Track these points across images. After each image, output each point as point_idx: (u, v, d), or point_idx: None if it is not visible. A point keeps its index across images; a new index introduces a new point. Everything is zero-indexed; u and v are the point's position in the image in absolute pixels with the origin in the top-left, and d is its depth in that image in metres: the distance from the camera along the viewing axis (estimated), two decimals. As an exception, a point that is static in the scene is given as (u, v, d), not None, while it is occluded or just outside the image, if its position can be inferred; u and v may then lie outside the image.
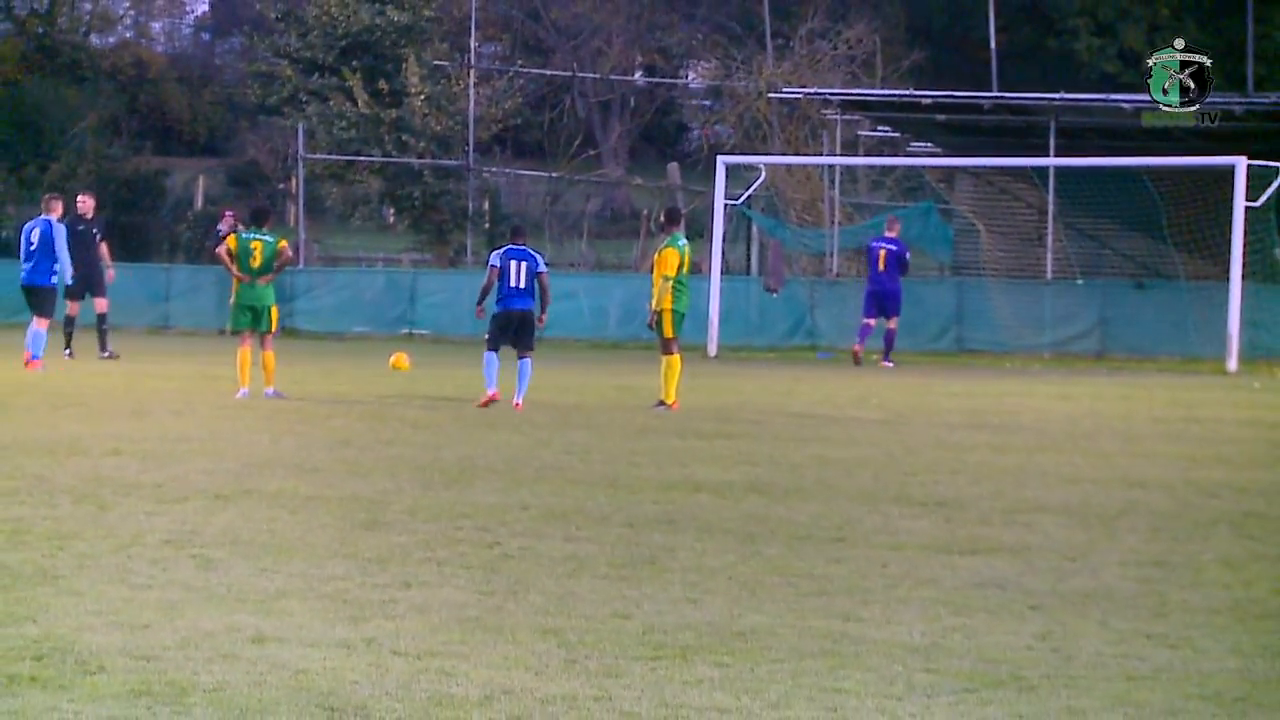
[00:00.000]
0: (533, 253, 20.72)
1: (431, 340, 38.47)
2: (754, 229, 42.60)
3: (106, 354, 28.62)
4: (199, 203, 51.73)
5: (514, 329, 20.64)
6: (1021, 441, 17.88)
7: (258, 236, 21.41)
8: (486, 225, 47.03)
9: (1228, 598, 9.49)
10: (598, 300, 39.19)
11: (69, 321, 29.24)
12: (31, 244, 25.85)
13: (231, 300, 21.46)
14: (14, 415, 18.29)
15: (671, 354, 20.88)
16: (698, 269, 42.22)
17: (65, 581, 9.18)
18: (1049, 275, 37.34)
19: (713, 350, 33.98)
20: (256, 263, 21.24)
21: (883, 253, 31.48)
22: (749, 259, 43.29)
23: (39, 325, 25.33)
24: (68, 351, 28.53)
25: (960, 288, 37.17)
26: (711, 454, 16.04)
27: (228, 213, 44.31)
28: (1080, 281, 36.73)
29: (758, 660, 7.74)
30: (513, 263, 20.62)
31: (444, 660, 7.58)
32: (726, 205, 36.28)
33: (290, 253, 22.05)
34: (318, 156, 46.53)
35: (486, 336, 20.78)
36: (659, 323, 21.17)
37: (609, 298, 39.22)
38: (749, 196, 37.99)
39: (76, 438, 15.93)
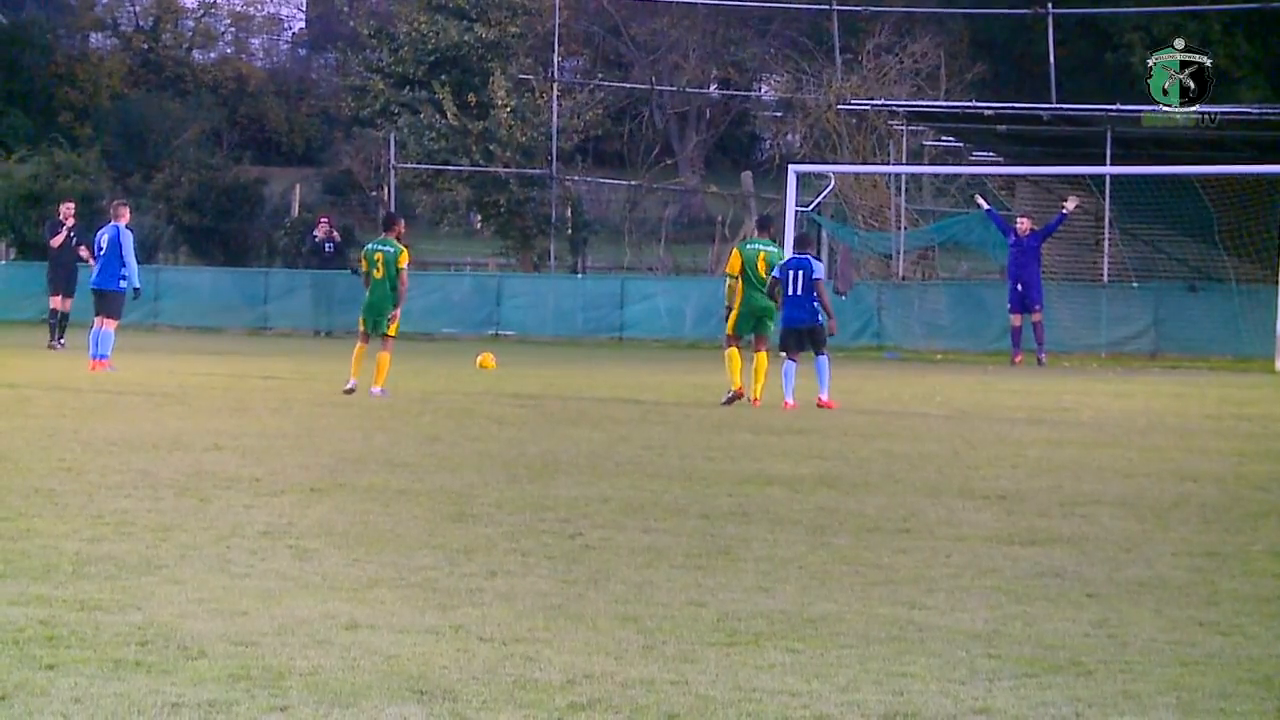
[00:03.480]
0: (811, 260, 21.31)
1: (516, 341, 38.70)
2: (823, 234, 42.50)
3: (58, 345, 29.91)
4: (295, 210, 51.62)
5: (800, 336, 21.18)
6: (1079, 437, 18.00)
7: (380, 248, 21.77)
8: (569, 231, 47.14)
9: (1276, 587, 9.51)
10: (675, 302, 39.49)
11: (54, 315, 30.64)
12: (101, 248, 25.92)
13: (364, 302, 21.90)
14: (120, 413, 18.43)
15: (729, 349, 21.49)
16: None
17: (168, 571, 9.23)
18: (1105, 278, 37.35)
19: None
20: (379, 273, 21.64)
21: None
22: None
23: (107, 326, 25.38)
24: (61, 342, 29.81)
25: (1020, 290, 37.76)
26: (783, 449, 16.13)
27: (323, 219, 45.90)
28: (1135, 284, 36.81)
29: (827, 646, 7.76)
30: (791, 272, 21.17)
31: (528, 646, 7.61)
32: (797, 212, 36.18)
33: (405, 282, 21.80)
34: (408, 166, 46.68)
35: (780, 348, 21.36)
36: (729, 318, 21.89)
37: (685, 300, 39.52)
38: (819, 203, 38.15)
39: (179, 434, 16.10)
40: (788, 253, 22.19)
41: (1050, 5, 41.20)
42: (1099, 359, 34.64)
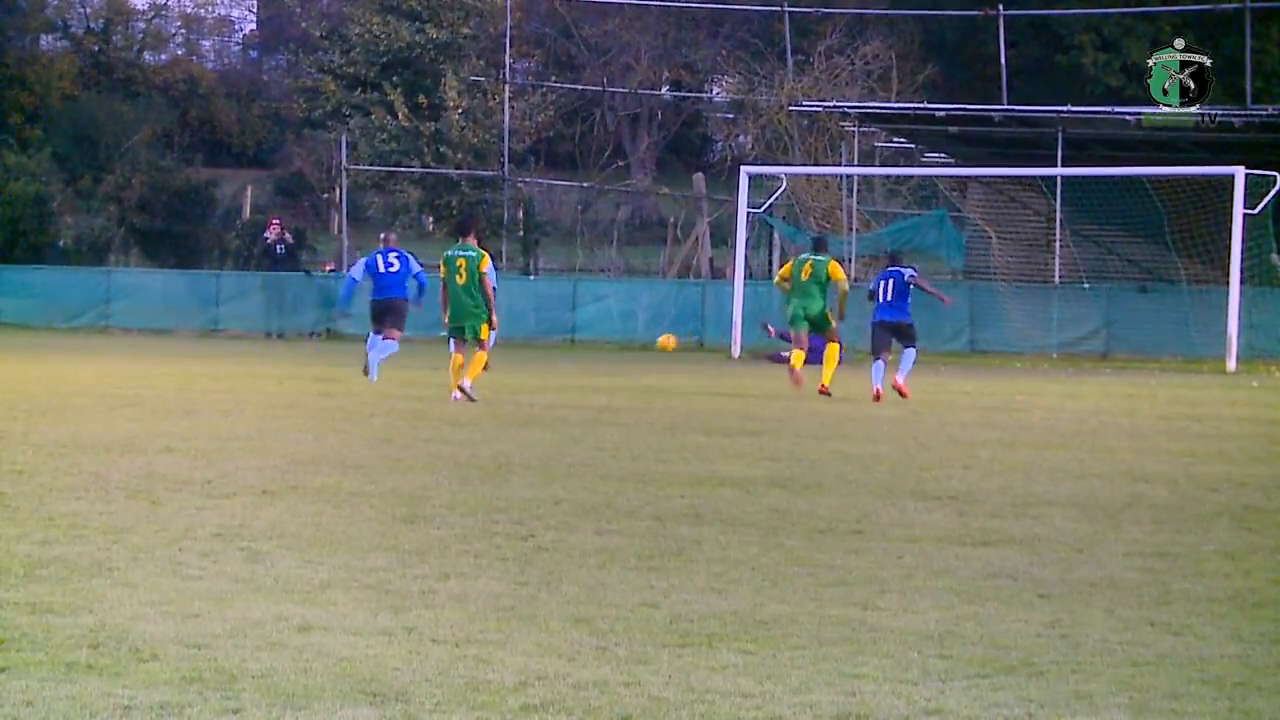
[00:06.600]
0: (902, 269, 23.86)
1: (469, 342, 39.72)
2: (775, 236, 42.63)
3: None
4: (247, 212, 51.76)
5: (891, 334, 23.86)
6: (1031, 438, 18.07)
7: (462, 254, 21.27)
8: (521, 233, 47.28)
9: (1228, 587, 9.52)
10: (626, 304, 39.66)
11: None
12: (391, 266, 26.02)
13: (444, 316, 21.48)
14: (70, 415, 18.34)
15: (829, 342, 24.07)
16: (722, 274, 43.35)
17: (120, 573, 9.18)
18: (1057, 279, 37.75)
19: (736, 351, 34.49)
20: (462, 279, 21.25)
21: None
22: (770, 264, 43.07)
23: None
24: None
25: (972, 292, 37.52)
26: (735, 451, 16.14)
27: (275, 221, 45.87)
28: (1086, 285, 37.15)
29: (780, 647, 7.76)
30: (883, 282, 23.89)
31: (481, 648, 7.59)
32: (749, 213, 36.67)
33: (491, 283, 21.34)
34: (360, 167, 46.87)
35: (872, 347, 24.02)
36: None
37: (637, 301, 39.73)
38: (771, 205, 38.48)
39: (131, 436, 16.03)
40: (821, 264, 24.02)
41: (1001, 6, 41.43)
42: (1050, 360, 34.87)
